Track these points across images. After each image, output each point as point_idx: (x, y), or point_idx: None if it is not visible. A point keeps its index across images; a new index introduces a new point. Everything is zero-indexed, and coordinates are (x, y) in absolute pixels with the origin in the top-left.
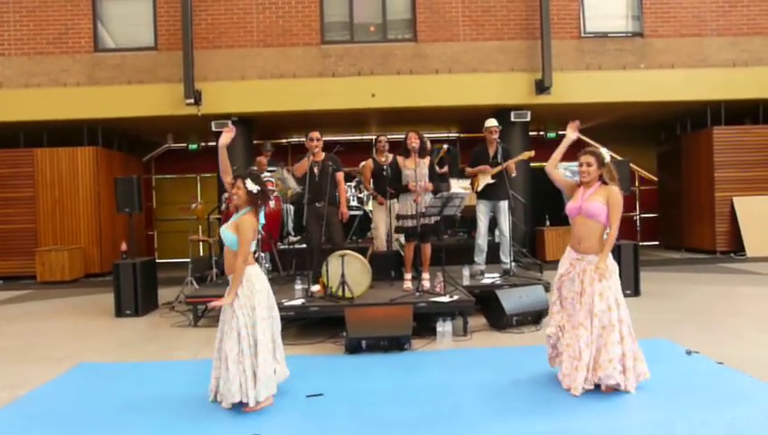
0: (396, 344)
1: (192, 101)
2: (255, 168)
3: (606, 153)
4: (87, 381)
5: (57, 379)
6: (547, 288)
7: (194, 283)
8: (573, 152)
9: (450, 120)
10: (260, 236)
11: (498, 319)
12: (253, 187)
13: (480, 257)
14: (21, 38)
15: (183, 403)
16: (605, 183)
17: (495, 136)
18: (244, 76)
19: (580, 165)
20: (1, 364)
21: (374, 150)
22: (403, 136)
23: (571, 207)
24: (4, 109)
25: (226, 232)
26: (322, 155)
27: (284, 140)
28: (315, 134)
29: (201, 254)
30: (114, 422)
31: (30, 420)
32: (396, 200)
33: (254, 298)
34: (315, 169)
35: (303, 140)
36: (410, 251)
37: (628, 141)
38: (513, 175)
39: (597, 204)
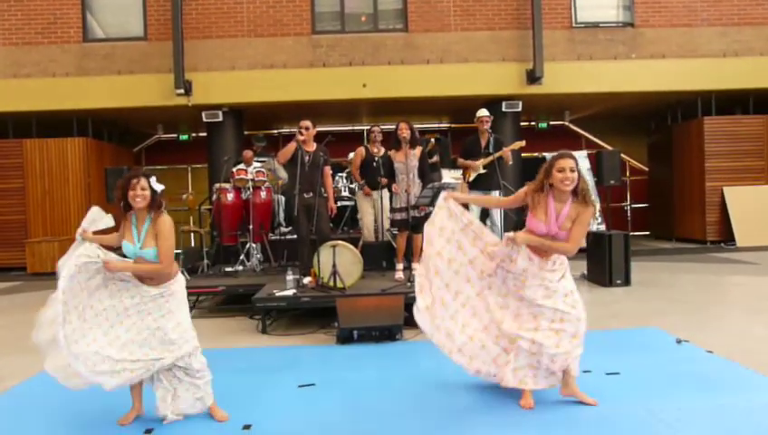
0: (387, 334)
1: (182, 91)
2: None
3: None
4: None
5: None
6: None
7: (185, 274)
8: (560, 145)
9: (441, 110)
10: (250, 228)
11: None
12: (158, 186)
13: None
14: (9, 28)
15: None
16: (583, 198)
17: (487, 126)
18: (235, 66)
19: (561, 170)
20: None
21: (367, 140)
22: (394, 126)
23: (536, 227)
24: None
25: (149, 251)
26: (314, 145)
27: (275, 131)
28: (305, 123)
29: (192, 244)
30: (105, 413)
31: (20, 412)
32: (384, 191)
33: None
34: (306, 159)
35: (295, 130)
36: (402, 241)
37: (618, 132)
38: (510, 163)
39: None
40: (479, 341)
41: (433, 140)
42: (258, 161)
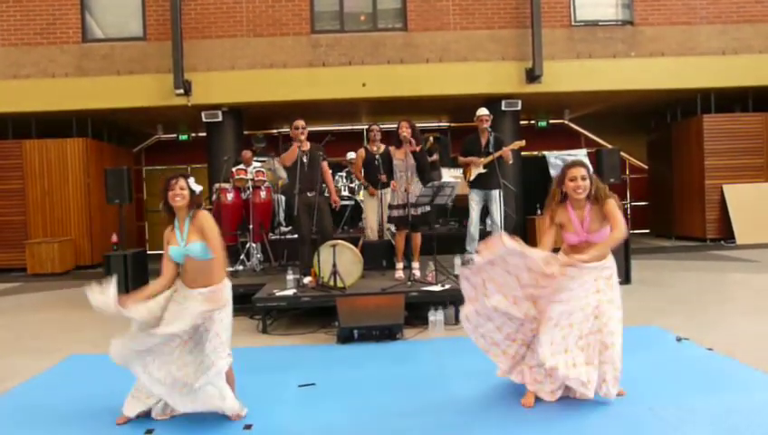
0: (388, 334)
1: (182, 91)
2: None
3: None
4: (77, 374)
5: (47, 371)
6: None
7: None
8: (560, 143)
9: (441, 109)
10: (250, 228)
11: None
12: (196, 186)
13: (472, 246)
14: (8, 29)
15: None
16: (596, 199)
17: (487, 125)
18: (234, 66)
19: (573, 179)
20: None
21: (366, 140)
22: (394, 126)
23: (569, 239)
24: None
25: (194, 245)
26: (308, 144)
27: (275, 131)
28: (300, 122)
29: None
30: (105, 414)
31: (20, 413)
32: (387, 190)
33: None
34: (304, 159)
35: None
36: (401, 240)
37: (618, 130)
38: (510, 163)
39: (603, 232)
40: (522, 343)
41: (432, 138)
42: (258, 161)
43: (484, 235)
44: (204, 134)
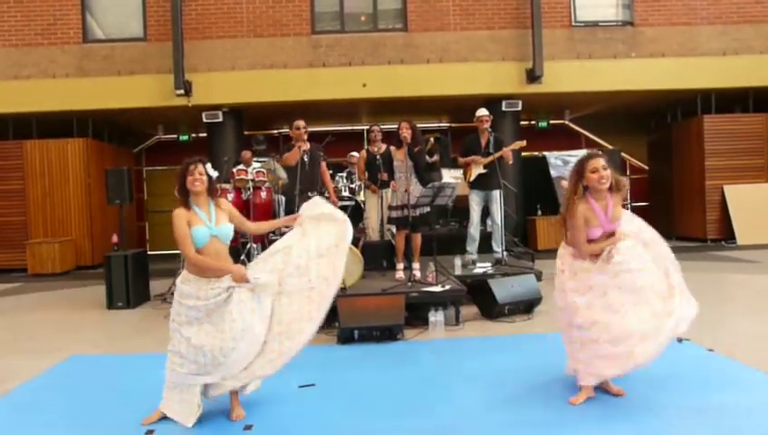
0: (388, 334)
1: (182, 91)
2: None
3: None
4: (78, 374)
5: (48, 371)
6: (539, 277)
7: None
8: (560, 144)
9: (441, 109)
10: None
11: (490, 308)
12: (213, 172)
13: (472, 247)
14: (9, 29)
15: None
16: (617, 187)
17: (487, 125)
18: (235, 67)
19: (595, 170)
20: None
21: (367, 141)
22: (395, 126)
23: (593, 234)
24: None
25: (222, 226)
26: (309, 144)
27: (275, 131)
28: (301, 123)
29: None
30: (106, 415)
31: (20, 414)
32: (388, 189)
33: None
34: (305, 158)
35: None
36: (401, 241)
37: (618, 130)
38: (510, 163)
39: (620, 220)
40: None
41: (432, 139)
42: (258, 161)
43: (485, 235)
44: (204, 135)
